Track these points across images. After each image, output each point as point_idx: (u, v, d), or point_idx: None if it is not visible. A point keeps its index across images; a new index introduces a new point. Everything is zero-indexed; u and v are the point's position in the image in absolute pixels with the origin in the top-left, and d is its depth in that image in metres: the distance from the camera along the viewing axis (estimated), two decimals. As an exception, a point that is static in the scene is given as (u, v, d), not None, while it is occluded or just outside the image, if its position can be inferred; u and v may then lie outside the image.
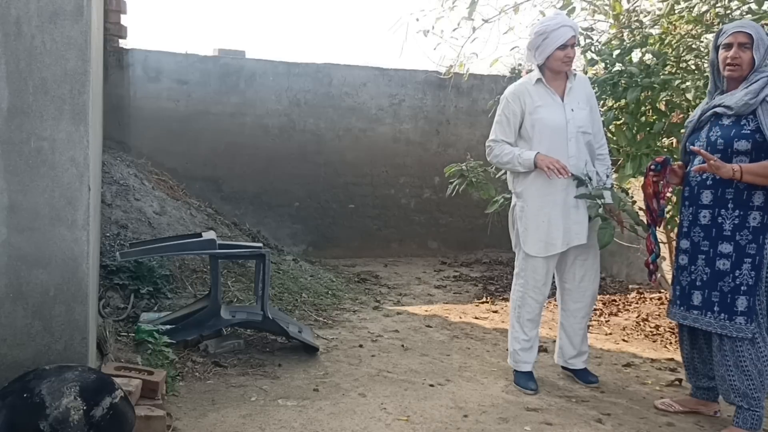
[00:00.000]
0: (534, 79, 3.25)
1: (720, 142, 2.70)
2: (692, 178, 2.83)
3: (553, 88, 3.23)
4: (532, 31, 3.24)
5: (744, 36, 2.68)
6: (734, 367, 2.71)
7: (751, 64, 2.67)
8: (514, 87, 3.30)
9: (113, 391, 2.27)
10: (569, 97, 3.24)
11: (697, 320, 2.79)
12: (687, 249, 2.85)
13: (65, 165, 2.30)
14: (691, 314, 2.81)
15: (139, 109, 5.77)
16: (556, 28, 3.12)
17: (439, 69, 5.82)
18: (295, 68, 6.20)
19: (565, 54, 3.15)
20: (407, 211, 6.71)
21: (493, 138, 3.33)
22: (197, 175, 5.96)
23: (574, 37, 3.18)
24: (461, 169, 4.20)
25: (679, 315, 2.88)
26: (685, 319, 2.84)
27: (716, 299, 2.72)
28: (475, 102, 6.73)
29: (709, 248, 2.75)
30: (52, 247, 2.32)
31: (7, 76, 2.23)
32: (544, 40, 3.15)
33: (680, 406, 3.10)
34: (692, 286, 2.82)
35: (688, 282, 2.83)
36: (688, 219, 2.85)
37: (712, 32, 3.89)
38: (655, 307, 4.87)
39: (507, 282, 5.71)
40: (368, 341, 3.97)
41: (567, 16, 3.30)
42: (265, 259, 3.54)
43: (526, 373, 3.36)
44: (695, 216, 2.81)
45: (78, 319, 2.38)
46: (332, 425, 2.78)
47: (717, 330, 2.72)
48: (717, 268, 2.73)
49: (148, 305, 3.86)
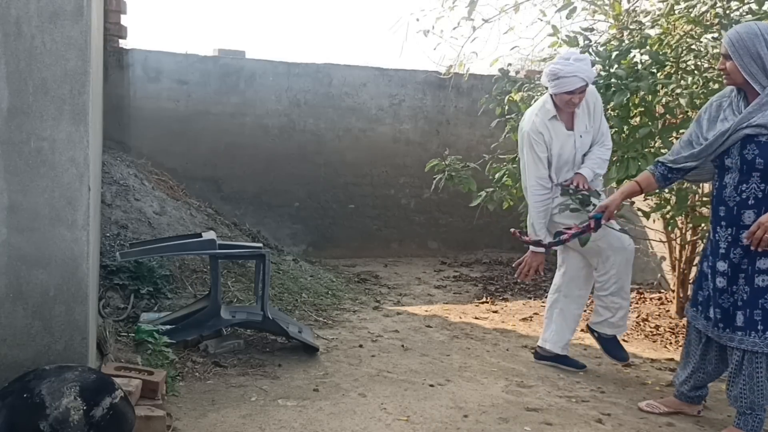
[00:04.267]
0: (549, 115, 3.41)
1: (759, 161, 2.59)
2: (728, 198, 2.70)
3: (563, 117, 3.42)
4: (548, 67, 3.37)
5: (722, 46, 2.69)
6: (748, 377, 2.70)
7: (738, 70, 2.61)
8: (533, 124, 3.43)
9: (113, 391, 2.27)
10: (578, 124, 3.43)
11: (743, 341, 2.70)
12: (726, 272, 2.73)
13: (65, 165, 2.30)
14: (737, 335, 2.72)
15: (139, 109, 5.77)
16: (568, 76, 3.27)
17: (439, 69, 5.81)
18: (295, 68, 6.20)
19: (570, 99, 3.33)
20: (407, 211, 6.70)
21: (533, 180, 3.46)
22: (197, 175, 5.95)
23: (585, 86, 3.30)
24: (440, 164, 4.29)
25: (726, 338, 2.76)
26: (732, 341, 2.73)
27: (759, 317, 2.65)
28: (475, 102, 6.70)
29: (747, 266, 2.68)
30: (52, 247, 2.32)
31: (7, 76, 2.23)
32: (555, 80, 3.30)
33: (665, 407, 3.09)
34: (735, 307, 2.72)
35: (731, 303, 2.73)
36: (726, 240, 2.72)
37: (711, 33, 3.89)
38: (655, 307, 4.88)
39: (507, 282, 5.72)
40: (368, 341, 3.97)
41: (585, 62, 3.31)
42: (265, 260, 3.54)
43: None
44: (735, 237, 2.69)
45: (78, 319, 2.38)
46: (332, 425, 2.78)
47: (763, 349, 2.65)
48: (756, 286, 2.65)
49: (148, 305, 3.86)
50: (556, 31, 4.38)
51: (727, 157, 2.70)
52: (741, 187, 2.66)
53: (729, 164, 2.70)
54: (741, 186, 2.66)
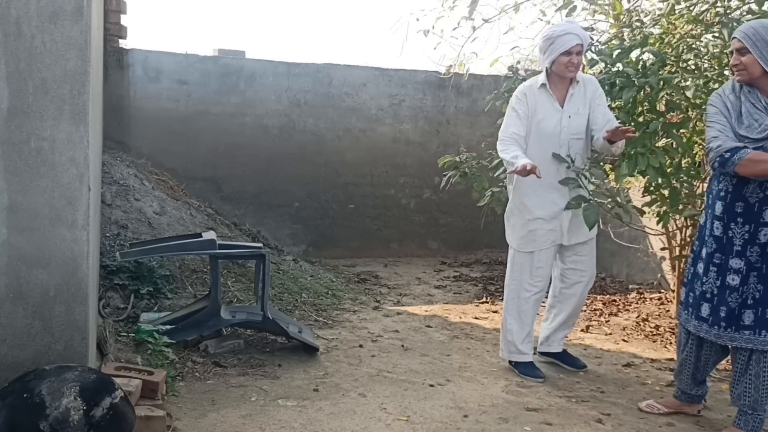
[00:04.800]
0: (539, 83, 3.37)
1: None
2: (750, 195, 2.66)
3: (556, 94, 3.36)
4: (540, 40, 3.35)
5: (737, 42, 2.66)
6: (754, 377, 2.70)
7: (757, 63, 2.60)
8: (524, 86, 3.44)
9: (113, 391, 2.27)
10: (569, 104, 3.36)
11: (750, 341, 2.69)
12: (741, 269, 2.70)
13: (65, 165, 2.30)
14: (743, 334, 2.71)
15: (139, 109, 5.77)
16: (561, 35, 3.24)
17: (439, 69, 5.80)
18: (295, 68, 6.20)
19: (569, 60, 3.26)
20: (407, 211, 6.70)
21: (505, 131, 3.40)
22: (197, 175, 5.95)
23: (580, 45, 3.26)
24: (455, 161, 4.25)
25: (727, 337, 2.75)
26: (734, 340, 2.73)
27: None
28: (475, 102, 6.73)
29: (761, 264, 2.66)
30: (52, 247, 2.32)
31: (7, 76, 2.23)
32: (550, 45, 3.26)
33: (665, 407, 3.10)
34: (744, 306, 2.70)
35: (739, 303, 2.71)
36: (742, 237, 2.69)
37: (712, 32, 3.89)
38: (655, 307, 4.88)
39: (507, 282, 5.71)
40: (368, 341, 3.97)
41: (576, 24, 3.35)
42: (265, 260, 3.54)
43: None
44: (754, 234, 2.65)
45: (78, 319, 2.38)
46: (332, 425, 2.78)
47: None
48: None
49: (148, 305, 3.86)
50: (556, 31, 4.37)
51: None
52: (766, 184, 2.62)
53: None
54: (766, 183, 2.62)
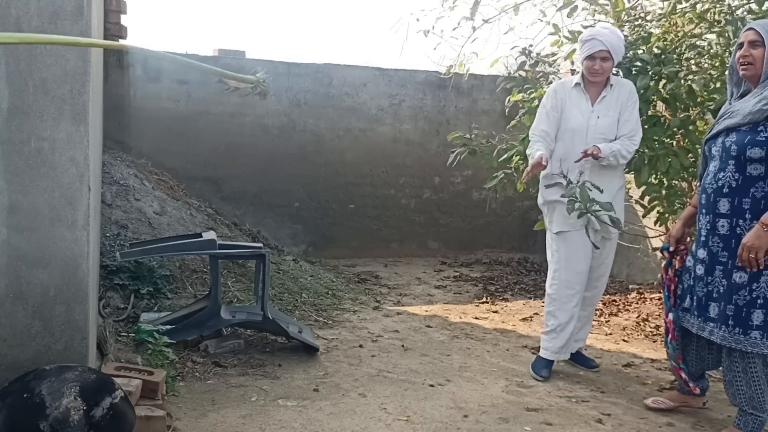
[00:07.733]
0: (573, 83, 3.41)
1: (734, 148, 2.61)
2: (708, 185, 2.72)
3: (590, 93, 3.39)
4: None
5: (753, 34, 2.62)
6: (743, 373, 2.69)
7: (763, 61, 2.60)
8: (556, 84, 3.50)
9: (113, 391, 2.27)
10: (600, 105, 3.37)
11: (713, 333, 2.71)
12: (704, 259, 2.74)
13: (65, 165, 2.30)
14: (708, 326, 2.73)
15: (139, 109, 5.76)
16: (587, 39, 3.28)
17: (439, 69, 5.80)
18: (295, 68, 6.20)
19: (592, 65, 3.28)
20: (407, 211, 6.70)
21: (535, 129, 3.46)
22: (197, 175, 5.96)
23: (605, 52, 3.25)
24: (465, 137, 4.22)
25: (696, 326, 2.79)
26: (703, 330, 2.75)
27: (731, 312, 2.64)
28: (476, 102, 6.73)
29: (727, 259, 2.66)
30: (52, 247, 2.32)
31: (7, 76, 2.23)
32: (580, 48, 3.33)
33: (670, 402, 3.11)
34: (709, 298, 2.73)
35: (705, 293, 2.75)
36: (705, 228, 2.74)
37: (714, 32, 3.89)
38: (655, 307, 4.87)
39: (507, 282, 5.72)
40: (368, 341, 3.97)
41: (606, 31, 3.30)
42: (265, 260, 3.54)
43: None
44: (713, 225, 2.70)
45: (78, 320, 2.38)
46: (332, 425, 2.78)
47: (731, 344, 2.64)
48: (733, 281, 2.64)
49: (148, 305, 3.86)
50: (557, 30, 4.38)
51: (713, 146, 2.75)
52: (719, 175, 2.68)
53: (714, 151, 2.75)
54: (719, 174, 2.67)
